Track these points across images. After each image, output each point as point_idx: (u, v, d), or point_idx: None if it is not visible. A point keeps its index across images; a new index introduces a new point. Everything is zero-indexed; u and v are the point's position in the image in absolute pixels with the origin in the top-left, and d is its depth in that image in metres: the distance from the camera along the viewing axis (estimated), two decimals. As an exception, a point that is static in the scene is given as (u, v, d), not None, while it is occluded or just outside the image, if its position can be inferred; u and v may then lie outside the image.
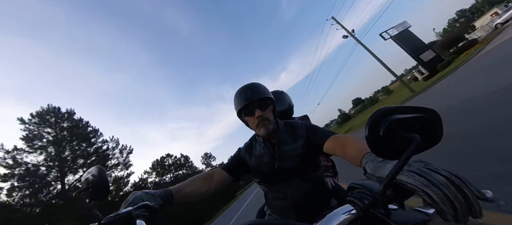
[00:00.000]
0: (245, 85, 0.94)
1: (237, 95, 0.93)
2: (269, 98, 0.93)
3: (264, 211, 1.06)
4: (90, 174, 0.56)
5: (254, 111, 0.89)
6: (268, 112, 0.92)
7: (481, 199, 0.31)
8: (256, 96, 0.89)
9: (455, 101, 4.96)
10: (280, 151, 0.91)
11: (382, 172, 0.41)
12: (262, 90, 0.92)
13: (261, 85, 0.94)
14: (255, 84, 0.94)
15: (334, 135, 0.81)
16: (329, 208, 0.91)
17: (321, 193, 0.92)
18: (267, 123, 0.90)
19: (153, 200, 0.64)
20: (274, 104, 0.98)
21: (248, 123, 0.96)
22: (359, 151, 0.56)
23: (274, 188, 0.93)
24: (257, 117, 0.89)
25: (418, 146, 0.31)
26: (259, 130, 0.90)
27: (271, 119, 0.92)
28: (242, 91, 0.91)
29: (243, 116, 0.95)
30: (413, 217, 0.35)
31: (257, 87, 0.92)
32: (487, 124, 2.82)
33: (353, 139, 0.67)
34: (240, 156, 1.01)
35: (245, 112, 0.92)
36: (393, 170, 0.32)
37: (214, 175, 0.90)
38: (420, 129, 0.32)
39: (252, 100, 0.88)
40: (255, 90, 0.90)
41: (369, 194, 0.38)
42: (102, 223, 0.52)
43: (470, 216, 0.31)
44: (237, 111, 0.93)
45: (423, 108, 0.35)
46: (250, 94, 0.89)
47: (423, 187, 0.33)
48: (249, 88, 0.91)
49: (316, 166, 0.94)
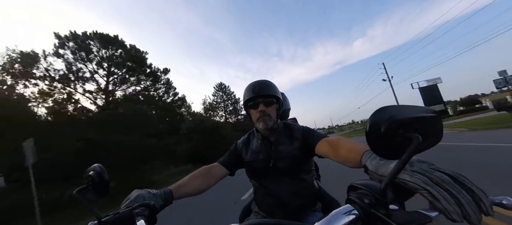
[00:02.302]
0: (256, 80, 0.99)
1: (247, 88, 0.98)
2: (275, 97, 0.96)
3: (251, 208, 1.07)
4: (91, 172, 0.57)
5: (258, 106, 0.93)
6: (272, 110, 0.96)
7: (496, 204, 0.30)
8: (263, 92, 0.93)
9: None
10: (276, 150, 0.95)
11: (384, 171, 0.42)
12: (271, 88, 0.96)
13: (272, 84, 0.99)
14: (266, 81, 0.99)
15: (326, 137, 0.83)
16: (315, 209, 0.95)
17: (310, 194, 0.96)
18: (268, 119, 0.93)
19: (154, 199, 0.65)
20: (280, 104, 1.00)
21: (251, 116, 1.00)
22: (353, 152, 0.57)
23: (265, 184, 0.96)
24: (259, 111, 0.92)
25: (419, 145, 0.30)
26: (259, 124, 0.94)
27: (273, 117, 0.95)
28: (252, 85, 0.97)
29: (248, 107, 0.99)
30: (415, 218, 0.34)
31: (266, 85, 0.97)
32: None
33: (345, 140, 0.69)
34: (237, 150, 1.05)
35: (250, 105, 0.96)
36: (395, 168, 0.32)
37: (212, 171, 0.94)
38: (421, 129, 0.32)
39: (258, 95, 0.93)
40: (264, 87, 0.95)
41: (370, 194, 0.37)
42: (102, 221, 0.52)
43: (481, 213, 0.29)
44: (243, 102, 0.98)
45: (424, 108, 0.34)
46: (258, 89, 0.94)
47: (425, 186, 0.33)
48: (259, 83, 0.96)
49: (309, 168, 0.98)
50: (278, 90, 1.00)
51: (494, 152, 4.93)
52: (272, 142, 0.97)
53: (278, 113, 1.00)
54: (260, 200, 1.00)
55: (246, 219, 1.04)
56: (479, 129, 10.44)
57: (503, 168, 3.47)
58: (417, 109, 0.34)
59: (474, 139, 7.38)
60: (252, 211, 1.04)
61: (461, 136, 8.91)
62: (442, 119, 20.71)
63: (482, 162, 4.17)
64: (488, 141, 6.35)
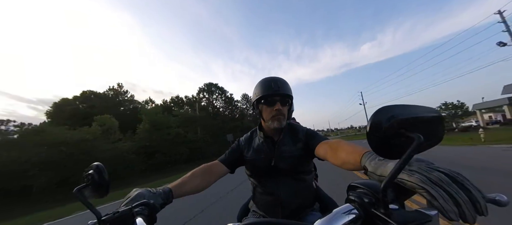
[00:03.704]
0: (273, 77, 0.96)
1: (264, 83, 0.94)
2: (291, 97, 0.96)
3: (249, 207, 1.07)
4: (91, 171, 0.56)
5: (275, 104, 0.91)
6: (286, 109, 0.95)
7: (490, 202, 0.31)
8: (283, 91, 0.92)
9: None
10: (279, 149, 0.94)
11: (383, 171, 0.42)
12: (289, 87, 0.96)
13: (287, 82, 0.97)
14: (283, 80, 0.97)
15: (326, 140, 0.83)
16: (313, 209, 0.96)
17: (308, 195, 0.97)
18: (282, 118, 0.92)
19: (154, 198, 0.64)
20: (292, 105, 1.00)
21: (262, 113, 0.96)
22: (353, 154, 0.57)
23: (265, 183, 0.96)
24: (276, 109, 0.90)
25: (419, 145, 0.30)
26: (273, 123, 0.91)
27: (286, 116, 0.95)
28: (270, 80, 0.94)
29: (261, 103, 0.94)
30: (415, 217, 0.35)
31: (285, 83, 0.95)
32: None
33: (344, 143, 0.69)
34: (239, 147, 1.04)
35: (265, 101, 0.93)
36: (395, 168, 0.32)
37: (212, 169, 0.93)
38: (421, 129, 0.32)
39: (278, 93, 0.91)
40: (283, 85, 0.93)
41: (370, 194, 0.38)
42: (102, 220, 0.52)
43: (476, 213, 0.30)
44: (259, 97, 0.93)
45: (424, 107, 0.35)
46: (278, 86, 0.91)
47: (424, 185, 0.33)
48: (278, 80, 0.94)
49: (309, 169, 0.99)
50: (291, 89, 0.98)
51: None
52: (276, 141, 0.97)
53: (290, 113, 1.00)
54: (258, 199, 1.00)
55: (244, 218, 1.03)
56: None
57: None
58: (419, 109, 0.34)
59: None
60: (250, 210, 1.04)
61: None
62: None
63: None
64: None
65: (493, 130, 17.39)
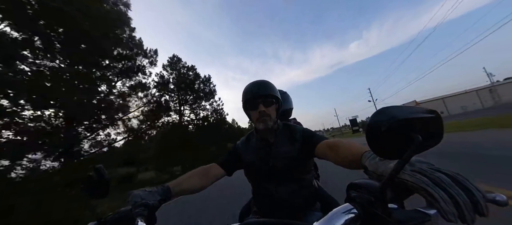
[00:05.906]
0: (255, 81, 0.98)
1: (245, 89, 0.97)
2: (274, 96, 0.96)
3: (250, 208, 1.08)
4: (92, 172, 0.56)
5: (258, 106, 0.92)
6: (272, 110, 0.95)
7: (490, 201, 0.30)
8: (262, 92, 0.93)
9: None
10: (275, 151, 0.94)
11: (384, 170, 0.42)
12: (270, 87, 0.95)
13: (270, 83, 0.98)
14: (265, 81, 0.98)
15: (326, 139, 0.83)
16: (314, 209, 0.95)
17: (308, 195, 0.96)
18: (268, 119, 0.92)
19: (152, 197, 0.64)
20: (280, 104, 1.00)
21: (250, 117, 0.99)
22: (353, 153, 0.57)
23: (264, 185, 0.96)
24: (259, 112, 0.92)
25: (419, 145, 0.31)
26: (259, 125, 0.93)
27: (273, 117, 0.95)
28: (250, 85, 0.96)
29: (247, 108, 0.98)
30: (414, 217, 0.35)
31: (265, 84, 0.96)
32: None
33: (345, 142, 0.68)
34: (237, 151, 1.05)
35: (249, 106, 0.96)
36: (394, 168, 0.32)
37: (211, 171, 0.93)
38: (421, 129, 0.32)
39: (258, 95, 0.92)
40: (263, 87, 0.94)
41: (370, 193, 0.38)
42: (102, 221, 0.52)
43: (477, 214, 0.30)
44: (243, 103, 0.97)
45: (425, 108, 0.35)
46: (257, 89, 0.93)
47: (424, 185, 0.33)
48: (257, 84, 0.96)
49: (308, 169, 0.98)
50: (276, 90, 0.99)
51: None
52: (272, 143, 0.97)
53: (278, 113, 1.00)
54: (259, 200, 1.00)
55: (246, 218, 1.04)
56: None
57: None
58: (418, 110, 0.34)
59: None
60: (252, 211, 1.05)
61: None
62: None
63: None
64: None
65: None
